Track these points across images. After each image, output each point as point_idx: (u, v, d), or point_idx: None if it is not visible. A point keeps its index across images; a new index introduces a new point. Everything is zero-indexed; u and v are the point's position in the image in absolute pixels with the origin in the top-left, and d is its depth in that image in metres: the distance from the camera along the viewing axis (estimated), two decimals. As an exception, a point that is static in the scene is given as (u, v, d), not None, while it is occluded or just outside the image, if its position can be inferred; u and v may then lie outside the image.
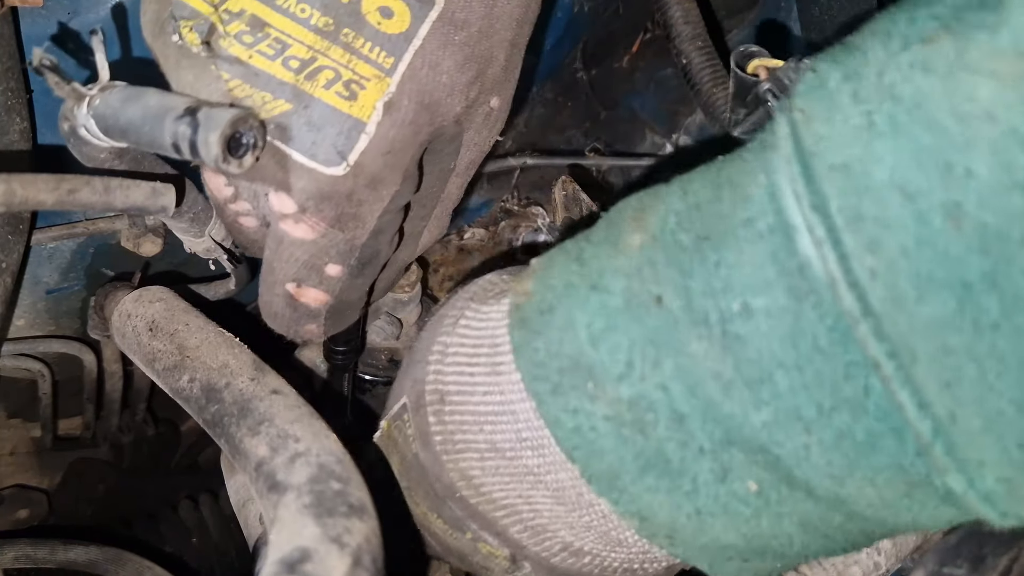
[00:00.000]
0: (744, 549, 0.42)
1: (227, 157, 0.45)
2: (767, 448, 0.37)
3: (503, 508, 0.48)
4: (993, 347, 0.30)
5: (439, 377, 0.49)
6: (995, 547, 0.50)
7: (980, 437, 0.32)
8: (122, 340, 0.62)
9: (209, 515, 0.98)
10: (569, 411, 0.42)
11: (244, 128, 0.45)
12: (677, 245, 0.38)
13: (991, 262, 0.29)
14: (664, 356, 0.38)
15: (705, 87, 0.75)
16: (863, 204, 0.31)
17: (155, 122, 0.46)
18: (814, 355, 0.34)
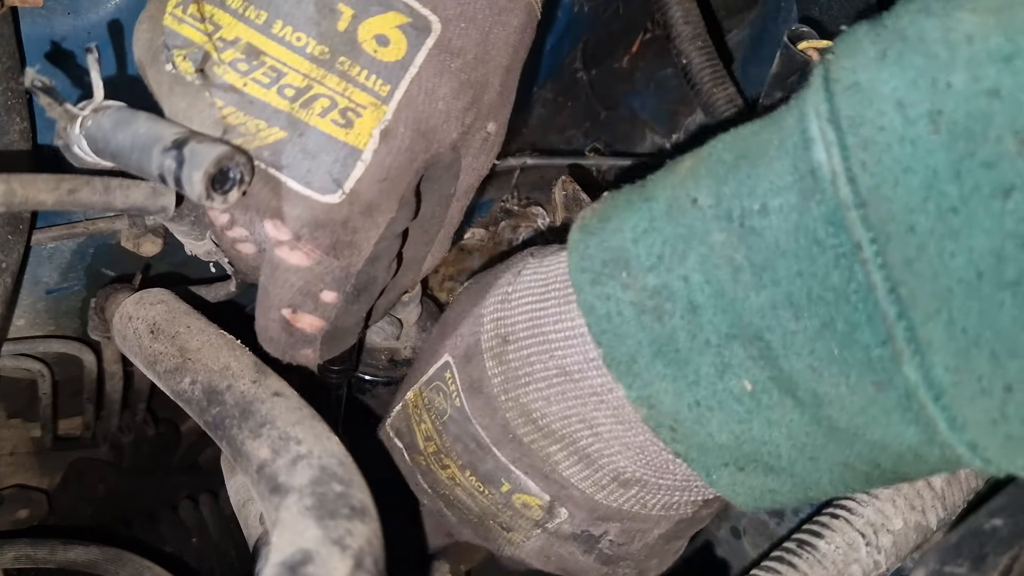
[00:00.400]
0: (736, 453, 0.46)
1: (211, 194, 0.45)
2: (761, 334, 0.41)
3: (560, 440, 0.52)
4: (949, 228, 0.34)
5: (501, 322, 0.54)
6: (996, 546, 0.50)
7: (933, 318, 0.36)
8: (123, 342, 0.62)
9: (209, 515, 0.98)
10: (603, 298, 0.46)
11: (230, 164, 0.45)
12: (719, 160, 0.43)
13: (956, 155, 0.34)
14: (690, 249, 0.43)
15: (705, 87, 0.76)
16: (866, 113, 0.36)
17: (143, 152, 0.46)
18: (812, 245, 0.39)
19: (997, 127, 0.33)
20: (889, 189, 0.36)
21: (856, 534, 0.52)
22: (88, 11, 0.63)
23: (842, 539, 0.52)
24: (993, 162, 0.33)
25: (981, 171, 0.33)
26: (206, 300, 0.79)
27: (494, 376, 0.54)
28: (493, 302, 0.55)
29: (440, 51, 0.51)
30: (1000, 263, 0.34)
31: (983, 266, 0.34)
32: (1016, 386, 0.35)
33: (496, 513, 0.59)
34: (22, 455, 0.93)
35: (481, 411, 0.55)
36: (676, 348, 0.45)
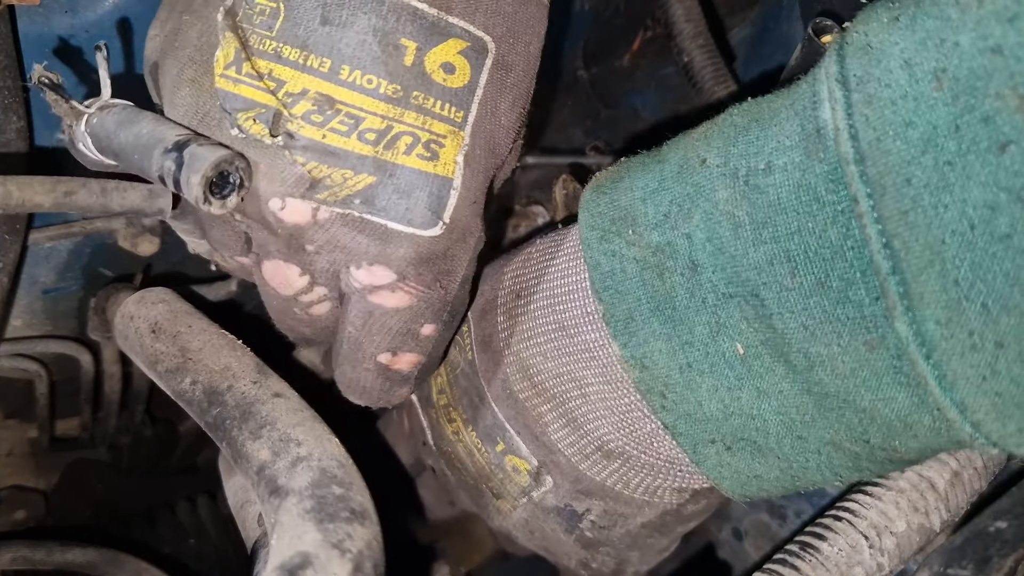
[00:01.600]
0: (724, 428, 0.47)
1: (208, 198, 0.45)
2: (757, 291, 0.42)
3: (552, 399, 0.54)
4: (944, 180, 0.35)
5: (517, 278, 0.57)
6: (1000, 548, 0.49)
7: (927, 270, 0.37)
8: (124, 342, 0.62)
9: (207, 516, 0.98)
10: (608, 254, 0.48)
11: (230, 168, 0.45)
12: (732, 124, 0.44)
13: (957, 110, 0.35)
14: (695, 207, 0.44)
15: (707, 85, 0.75)
16: (873, 71, 0.37)
17: (145, 152, 0.46)
18: (812, 202, 0.40)
19: (997, 83, 0.34)
20: (889, 142, 0.37)
21: (859, 536, 0.52)
22: (86, 9, 0.63)
23: (845, 541, 0.52)
24: (991, 116, 0.34)
25: (979, 125, 0.34)
26: (208, 299, 0.79)
27: (502, 331, 0.56)
28: (516, 261, 0.58)
29: (497, 69, 0.51)
30: (994, 215, 0.34)
31: (976, 218, 0.35)
32: (1007, 342, 0.36)
33: (489, 475, 0.60)
34: (19, 456, 0.92)
35: (487, 365, 0.57)
36: (673, 306, 0.46)
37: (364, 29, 0.47)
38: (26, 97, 0.63)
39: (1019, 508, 0.52)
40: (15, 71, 0.61)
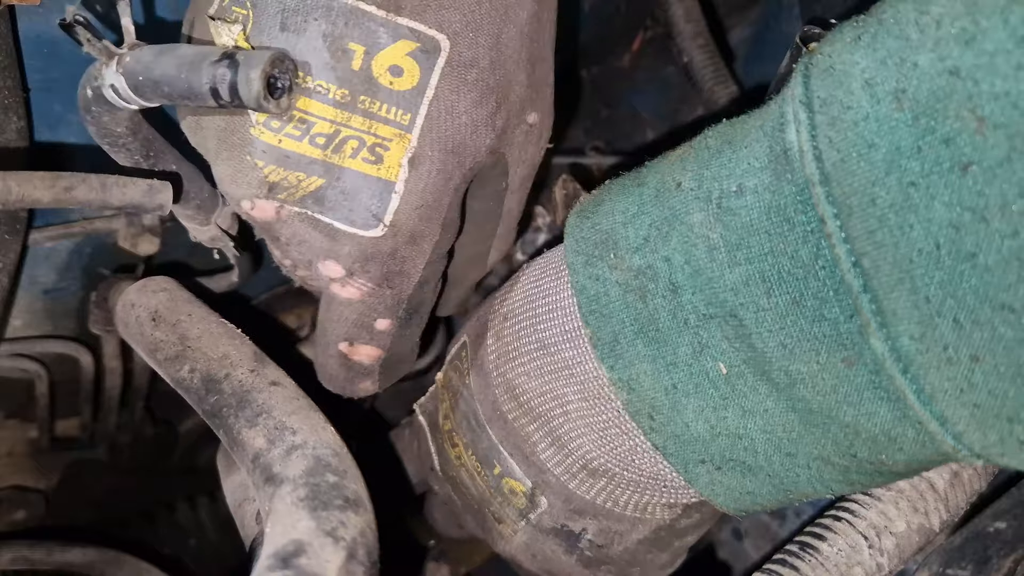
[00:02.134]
0: (713, 448, 0.47)
1: (267, 96, 0.45)
2: (735, 311, 0.43)
3: (537, 418, 0.54)
4: (908, 201, 0.36)
5: (507, 301, 0.57)
6: (1000, 548, 0.49)
7: (896, 289, 0.37)
8: (125, 329, 0.62)
9: (207, 517, 0.98)
10: (593, 278, 0.49)
11: (280, 69, 0.46)
12: (706, 147, 0.45)
13: (919, 132, 0.35)
14: (672, 230, 0.45)
15: (707, 85, 0.75)
16: (836, 93, 0.38)
17: (192, 69, 0.46)
18: (783, 223, 0.40)
19: (956, 104, 0.34)
20: (853, 163, 0.37)
21: (859, 536, 0.52)
22: (85, 9, 0.63)
23: (845, 541, 0.52)
24: (952, 138, 0.34)
25: (941, 146, 0.35)
26: (210, 290, 0.79)
27: (491, 352, 0.57)
28: (506, 285, 0.59)
29: (453, 67, 0.51)
30: (958, 234, 0.35)
31: (942, 237, 0.35)
32: (982, 355, 0.36)
33: (489, 499, 0.61)
34: (19, 456, 0.93)
35: (480, 388, 0.58)
36: (657, 328, 0.47)
37: (315, 35, 0.48)
38: (26, 97, 0.63)
39: (1019, 508, 0.52)
40: (15, 71, 0.61)
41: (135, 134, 0.55)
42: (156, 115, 0.56)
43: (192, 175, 0.61)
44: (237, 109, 0.48)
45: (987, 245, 0.34)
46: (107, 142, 0.54)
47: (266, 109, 0.45)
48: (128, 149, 0.55)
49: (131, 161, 0.56)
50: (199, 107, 0.50)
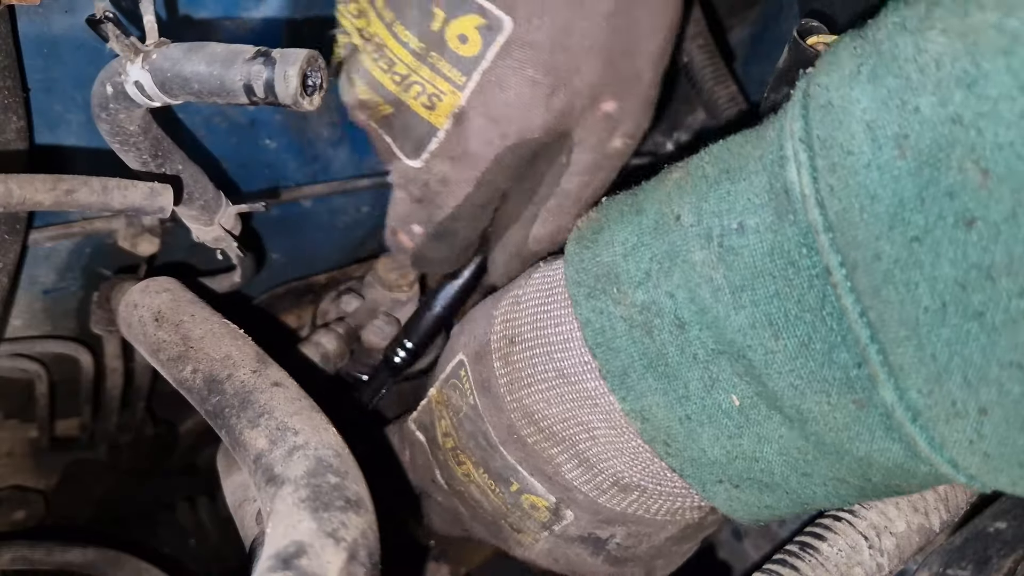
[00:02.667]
0: (729, 469, 0.47)
1: (304, 91, 0.46)
2: (744, 353, 0.42)
3: (561, 442, 0.54)
4: (913, 257, 0.35)
5: (510, 323, 0.57)
6: (1000, 549, 0.49)
7: (904, 344, 0.36)
8: (128, 330, 0.62)
9: (207, 517, 0.98)
10: (597, 311, 0.49)
11: (314, 68, 0.47)
12: (703, 176, 0.44)
13: (922, 183, 0.34)
14: (674, 266, 0.44)
15: (707, 85, 0.75)
16: (836, 134, 0.36)
17: (224, 66, 0.47)
18: (787, 266, 0.39)
19: (959, 155, 0.32)
20: (856, 215, 0.36)
21: (859, 536, 0.52)
22: (85, 9, 0.63)
23: (845, 541, 0.52)
24: (955, 191, 0.33)
25: (944, 200, 0.33)
26: (211, 290, 0.79)
27: (501, 376, 0.56)
28: (505, 304, 0.58)
29: (512, 46, 0.54)
30: (965, 293, 0.34)
31: (948, 296, 0.34)
32: (990, 409, 0.35)
33: (506, 513, 0.61)
34: (19, 456, 0.92)
35: (490, 410, 0.57)
36: (666, 362, 0.46)
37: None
38: (26, 97, 0.63)
39: (1019, 509, 0.52)
40: (15, 71, 0.61)
41: (146, 133, 0.55)
42: (160, 117, 0.56)
43: (197, 176, 0.61)
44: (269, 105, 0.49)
45: (994, 304, 0.33)
46: (118, 140, 0.54)
47: (301, 106, 0.47)
48: (138, 148, 0.55)
49: (140, 161, 0.56)
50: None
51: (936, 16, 0.33)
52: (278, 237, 0.89)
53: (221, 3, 0.69)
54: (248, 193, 0.82)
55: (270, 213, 0.85)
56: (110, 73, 0.51)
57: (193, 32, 0.68)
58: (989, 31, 0.31)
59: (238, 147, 0.79)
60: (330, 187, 0.87)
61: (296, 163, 0.84)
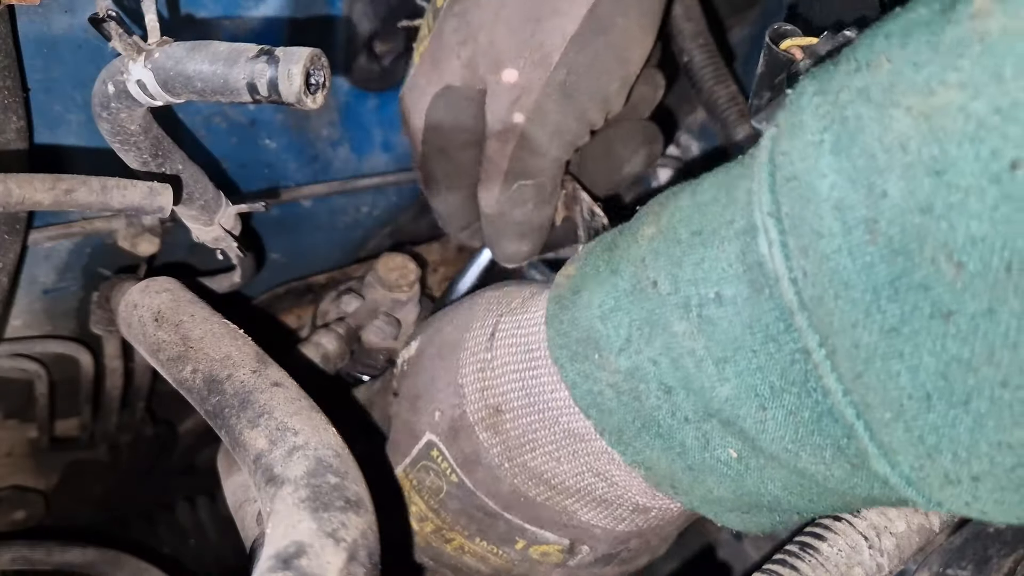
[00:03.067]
0: (738, 503, 0.47)
1: (306, 91, 0.46)
2: (733, 420, 0.42)
3: (576, 493, 0.53)
4: (892, 348, 0.34)
5: (488, 392, 0.54)
6: (1000, 548, 0.49)
7: (891, 425, 0.35)
8: (127, 330, 0.62)
9: (207, 517, 0.98)
10: (583, 375, 0.48)
11: (316, 66, 0.46)
12: (675, 238, 0.43)
13: (895, 272, 0.32)
14: (655, 334, 0.43)
15: (707, 85, 0.75)
16: (805, 212, 0.35)
17: (227, 65, 0.46)
18: (767, 341, 0.39)
19: (931, 247, 0.31)
20: (831, 302, 0.35)
21: (859, 536, 0.52)
22: (85, 9, 0.63)
23: (845, 542, 0.51)
24: (930, 284, 0.32)
25: (919, 292, 0.32)
26: (213, 291, 0.79)
27: (492, 447, 0.54)
28: (472, 371, 0.56)
29: (454, 4, 0.66)
30: (948, 383, 0.33)
31: (931, 386, 0.33)
32: (983, 478, 0.35)
33: (512, 568, 0.60)
34: (19, 456, 0.92)
35: (485, 482, 0.56)
36: (658, 423, 0.45)
37: None
38: (26, 97, 0.63)
39: (1019, 508, 0.52)
40: (15, 71, 0.61)
41: (147, 133, 0.55)
42: (160, 117, 0.56)
43: (197, 175, 0.61)
44: (272, 104, 0.49)
45: (978, 393, 0.32)
46: (119, 140, 0.54)
47: (305, 104, 0.46)
48: (138, 148, 0.55)
49: (140, 160, 0.56)
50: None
51: (900, 91, 0.32)
52: (278, 237, 0.89)
53: (221, 3, 0.69)
54: (248, 193, 0.82)
55: (270, 213, 0.85)
56: (112, 72, 0.51)
57: (193, 31, 0.68)
58: (956, 115, 0.30)
59: (238, 147, 0.79)
60: (330, 187, 0.87)
61: (296, 163, 0.84)
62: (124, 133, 0.54)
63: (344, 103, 0.84)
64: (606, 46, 0.62)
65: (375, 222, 0.96)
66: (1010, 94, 0.28)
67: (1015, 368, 0.31)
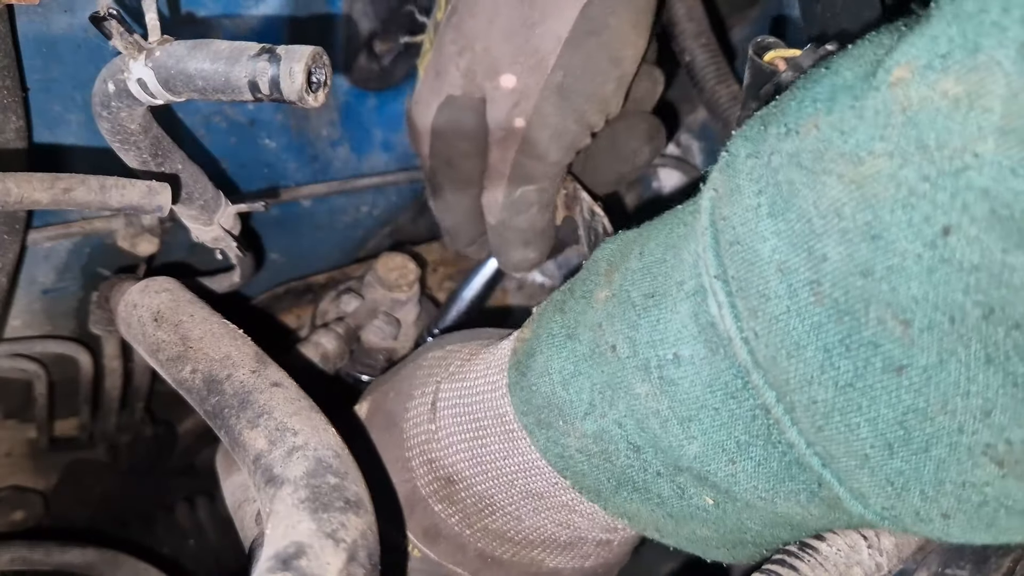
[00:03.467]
0: (723, 541, 0.47)
1: (308, 89, 0.46)
2: (704, 475, 0.42)
3: (541, 544, 0.54)
4: (849, 402, 0.34)
5: (435, 463, 0.54)
6: (998, 548, 0.49)
7: (857, 472, 0.36)
8: (127, 330, 0.62)
9: (206, 517, 0.97)
10: (552, 441, 0.48)
11: (318, 64, 0.46)
12: (629, 301, 0.43)
13: (844, 331, 0.33)
14: (618, 397, 0.44)
15: (709, 84, 0.75)
16: (750, 276, 0.36)
17: (229, 63, 0.46)
18: (727, 398, 0.39)
19: (877, 308, 0.32)
20: (784, 362, 0.36)
21: (858, 536, 0.52)
22: (85, 9, 0.63)
23: (843, 541, 0.51)
24: (879, 342, 0.33)
25: (869, 349, 0.33)
26: (213, 291, 0.79)
27: (450, 516, 0.55)
28: (417, 444, 0.56)
29: (452, 16, 0.67)
30: (907, 432, 0.34)
31: (891, 436, 0.34)
32: (953, 515, 0.35)
33: None
34: (18, 456, 0.92)
35: (448, 552, 0.56)
36: (632, 480, 0.46)
37: None
38: (25, 97, 0.63)
39: (1019, 508, 0.52)
40: (15, 71, 0.61)
41: (146, 132, 0.55)
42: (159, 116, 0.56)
43: (196, 175, 0.61)
44: (273, 102, 0.49)
45: (936, 440, 0.33)
46: (119, 139, 0.54)
47: (307, 103, 0.46)
48: (138, 147, 0.55)
49: (139, 160, 0.56)
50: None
51: (830, 158, 0.32)
52: (278, 237, 0.89)
53: (220, 2, 0.69)
54: (248, 193, 0.82)
55: (270, 213, 0.85)
56: (112, 70, 0.51)
57: (193, 30, 0.68)
58: (886, 183, 0.31)
59: (238, 147, 0.79)
60: (330, 187, 0.87)
61: (296, 163, 0.84)
62: (124, 132, 0.54)
63: (344, 103, 0.84)
64: (599, 47, 0.62)
65: (375, 222, 0.96)
66: (936, 163, 0.29)
67: (968, 415, 0.32)
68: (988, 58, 0.28)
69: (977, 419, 0.32)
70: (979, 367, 0.31)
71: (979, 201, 0.28)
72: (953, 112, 0.28)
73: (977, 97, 0.28)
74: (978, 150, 0.28)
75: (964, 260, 0.29)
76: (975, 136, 0.28)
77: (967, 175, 0.28)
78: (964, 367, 0.31)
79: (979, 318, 0.30)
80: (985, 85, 0.28)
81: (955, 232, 0.29)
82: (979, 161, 0.28)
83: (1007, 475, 0.33)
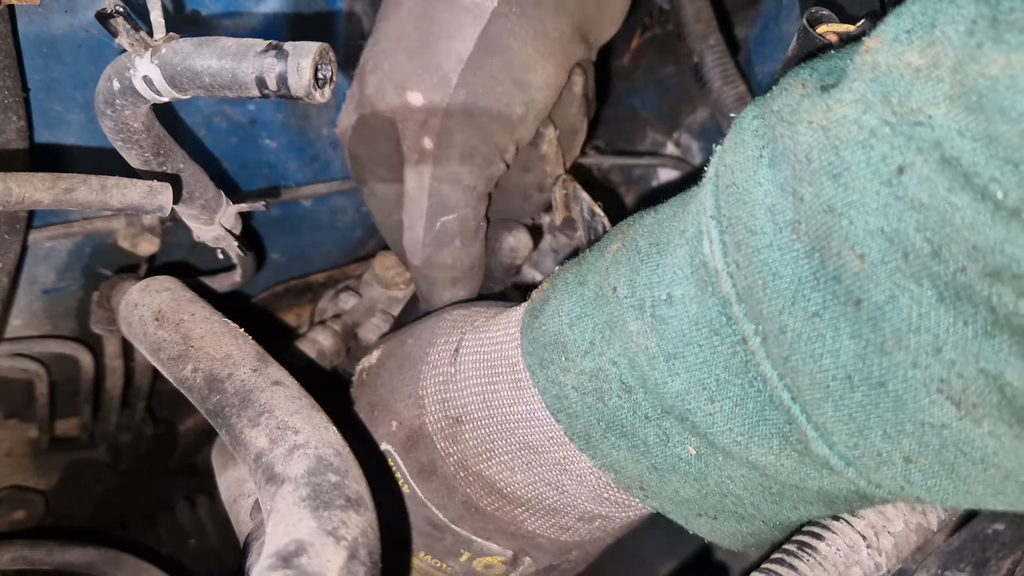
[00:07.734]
0: (704, 504, 0.49)
1: (315, 85, 0.46)
2: (685, 416, 0.44)
3: (526, 503, 0.55)
4: (815, 331, 0.37)
5: (448, 403, 0.56)
6: (998, 550, 0.49)
7: (822, 405, 0.38)
8: (128, 329, 0.62)
9: (206, 517, 0.98)
10: (551, 380, 0.50)
11: (325, 61, 0.47)
12: (636, 249, 0.46)
13: (815, 265, 0.36)
14: (615, 336, 0.46)
15: (715, 85, 0.76)
16: (741, 213, 0.39)
17: (236, 60, 0.47)
18: (711, 335, 0.41)
19: (837, 242, 0.34)
20: (760, 291, 0.38)
21: (857, 536, 0.52)
22: (86, 9, 0.63)
23: (843, 541, 0.52)
24: (840, 276, 0.35)
25: (834, 282, 0.35)
26: (213, 290, 0.79)
27: (450, 456, 0.56)
28: (434, 383, 0.57)
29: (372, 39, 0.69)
30: (865, 365, 0.35)
31: (850, 368, 0.36)
32: (915, 458, 0.37)
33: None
34: (19, 456, 0.93)
35: (436, 492, 0.57)
36: (621, 423, 0.48)
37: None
38: (26, 97, 0.63)
39: (1018, 509, 0.52)
40: (15, 71, 0.61)
41: (149, 131, 0.55)
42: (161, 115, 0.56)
43: (197, 175, 0.61)
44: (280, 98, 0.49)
45: (892, 375, 0.35)
46: (121, 138, 0.54)
47: (314, 98, 0.47)
48: (140, 146, 0.55)
49: (141, 159, 0.56)
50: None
51: (803, 109, 0.36)
52: (278, 236, 0.89)
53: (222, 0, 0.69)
54: (248, 192, 0.82)
55: (270, 212, 0.85)
56: (118, 68, 0.51)
57: (196, 28, 0.68)
58: (850, 125, 0.33)
59: (238, 147, 0.79)
60: (330, 187, 0.87)
61: (296, 163, 0.84)
62: (127, 131, 0.54)
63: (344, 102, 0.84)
64: (501, 67, 0.63)
65: (374, 221, 0.96)
66: (896, 113, 0.32)
67: (922, 351, 0.34)
68: (941, 33, 0.31)
69: (929, 354, 0.33)
70: (930, 304, 0.33)
71: (931, 149, 0.31)
72: (914, 80, 0.31)
73: (932, 68, 0.31)
74: (931, 112, 0.31)
75: (916, 198, 0.32)
76: (930, 101, 0.31)
77: (922, 128, 0.31)
78: (916, 303, 0.33)
79: (929, 255, 0.32)
80: (938, 58, 0.31)
81: (908, 171, 0.32)
82: (932, 121, 0.31)
83: (964, 417, 0.34)
